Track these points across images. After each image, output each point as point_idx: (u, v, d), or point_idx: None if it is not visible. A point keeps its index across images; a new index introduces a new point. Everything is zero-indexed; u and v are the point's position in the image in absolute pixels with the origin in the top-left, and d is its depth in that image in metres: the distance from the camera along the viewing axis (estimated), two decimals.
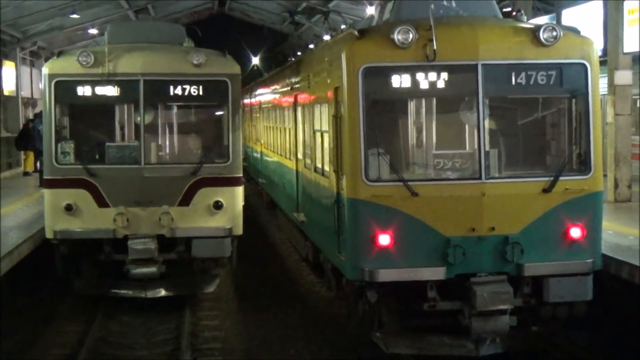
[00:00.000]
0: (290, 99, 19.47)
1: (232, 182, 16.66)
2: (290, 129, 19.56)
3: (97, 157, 16.70)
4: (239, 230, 16.72)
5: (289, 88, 20.09)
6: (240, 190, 16.80)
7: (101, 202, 16.14)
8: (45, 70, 16.56)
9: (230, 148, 16.62)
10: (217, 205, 16.38)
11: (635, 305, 13.57)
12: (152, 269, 16.11)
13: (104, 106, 16.88)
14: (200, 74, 16.44)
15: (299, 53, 41.14)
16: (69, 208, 16.06)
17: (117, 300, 16.81)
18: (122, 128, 17.20)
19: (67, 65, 16.36)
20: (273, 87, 24.51)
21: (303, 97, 17.57)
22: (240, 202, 16.79)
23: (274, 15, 53.94)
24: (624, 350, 13.74)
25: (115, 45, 16.72)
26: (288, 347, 14.87)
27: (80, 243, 16.32)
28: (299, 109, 18.14)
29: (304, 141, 17.45)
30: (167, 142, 17.46)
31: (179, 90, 16.43)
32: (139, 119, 16.43)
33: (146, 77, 16.31)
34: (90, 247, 16.46)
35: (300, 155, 18.14)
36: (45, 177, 16.61)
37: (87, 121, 17.16)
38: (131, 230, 16.16)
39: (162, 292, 16.59)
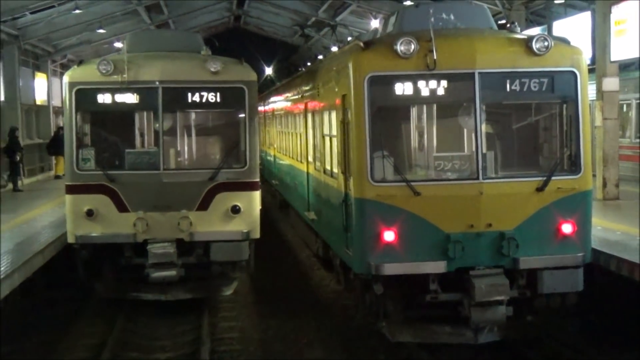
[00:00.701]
0: (301, 106, 19.45)
1: (250, 186, 15.82)
2: (301, 134, 19.52)
3: (117, 163, 15.84)
4: (256, 233, 15.90)
5: (299, 96, 20.06)
6: (257, 195, 15.98)
7: (121, 207, 15.38)
8: (66, 78, 15.81)
9: (247, 153, 15.75)
10: (235, 210, 15.56)
11: (622, 295, 13.54)
12: (172, 273, 15.38)
13: (124, 113, 16.12)
14: (218, 81, 15.63)
15: (308, 63, 41.17)
16: (90, 213, 15.31)
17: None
18: (141, 134, 16.44)
19: (87, 73, 15.60)
20: (285, 95, 24.49)
21: (313, 104, 17.54)
22: (257, 206, 15.97)
23: (286, 29, 54.04)
24: (612, 338, 13.69)
25: (134, 54, 16.01)
26: (300, 336, 14.87)
27: (101, 247, 15.59)
28: (309, 115, 18.10)
29: (314, 145, 17.41)
30: (186, 148, 16.66)
31: (196, 97, 15.62)
32: (157, 125, 15.67)
33: (164, 84, 15.50)
34: (111, 252, 15.71)
35: (310, 158, 18.10)
36: (66, 183, 15.74)
37: (107, 128, 16.32)
38: (151, 234, 15.37)
39: (181, 295, 15.94)
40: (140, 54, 16.18)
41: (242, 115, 15.91)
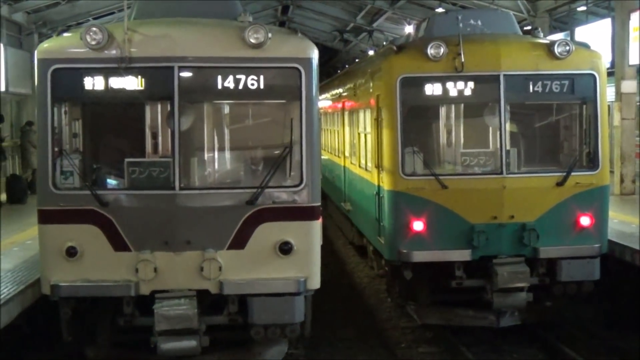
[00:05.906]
0: (339, 105, 19.46)
1: (307, 214, 10.15)
2: (339, 131, 19.55)
3: (112, 178, 10.43)
4: (315, 282, 10.32)
5: (337, 96, 20.08)
6: (317, 226, 10.34)
7: (118, 245, 9.74)
8: (37, 53, 9.91)
9: (304, 165, 9.95)
10: (285, 248, 9.98)
11: (635, 284, 13.38)
12: (191, 344, 9.75)
13: (122, 105, 10.43)
14: (261, 58, 9.78)
15: (346, 66, 41.19)
16: (72, 252, 9.74)
17: None
18: (151, 137, 10.62)
19: (69, 46, 9.87)
20: (324, 95, 24.51)
21: (350, 104, 17.54)
22: (317, 242, 10.38)
23: (326, 34, 54.02)
24: (625, 324, 13.55)
25: (140, 20, 10.53)
26: (336, 316, 14.89)
27: (91, 301, 10.23)
28: (346, 114, 18.11)
29: (351, 141, 17.42)
30: (214, 157, 10.78)
31: (229, 82, 9.83)
32: (172, 123, 9.77)
33: (183, 62, 9.71)
34: (105, 307, 10.35)
35: (347, 154, 18.13)
36: (39, 207, 9.94)
37: (98, 127, 10.86)
38: (160, 284, 9.75)
39: None
40: (151, 20, 10.64)
41: (297, 108, 9.97)
